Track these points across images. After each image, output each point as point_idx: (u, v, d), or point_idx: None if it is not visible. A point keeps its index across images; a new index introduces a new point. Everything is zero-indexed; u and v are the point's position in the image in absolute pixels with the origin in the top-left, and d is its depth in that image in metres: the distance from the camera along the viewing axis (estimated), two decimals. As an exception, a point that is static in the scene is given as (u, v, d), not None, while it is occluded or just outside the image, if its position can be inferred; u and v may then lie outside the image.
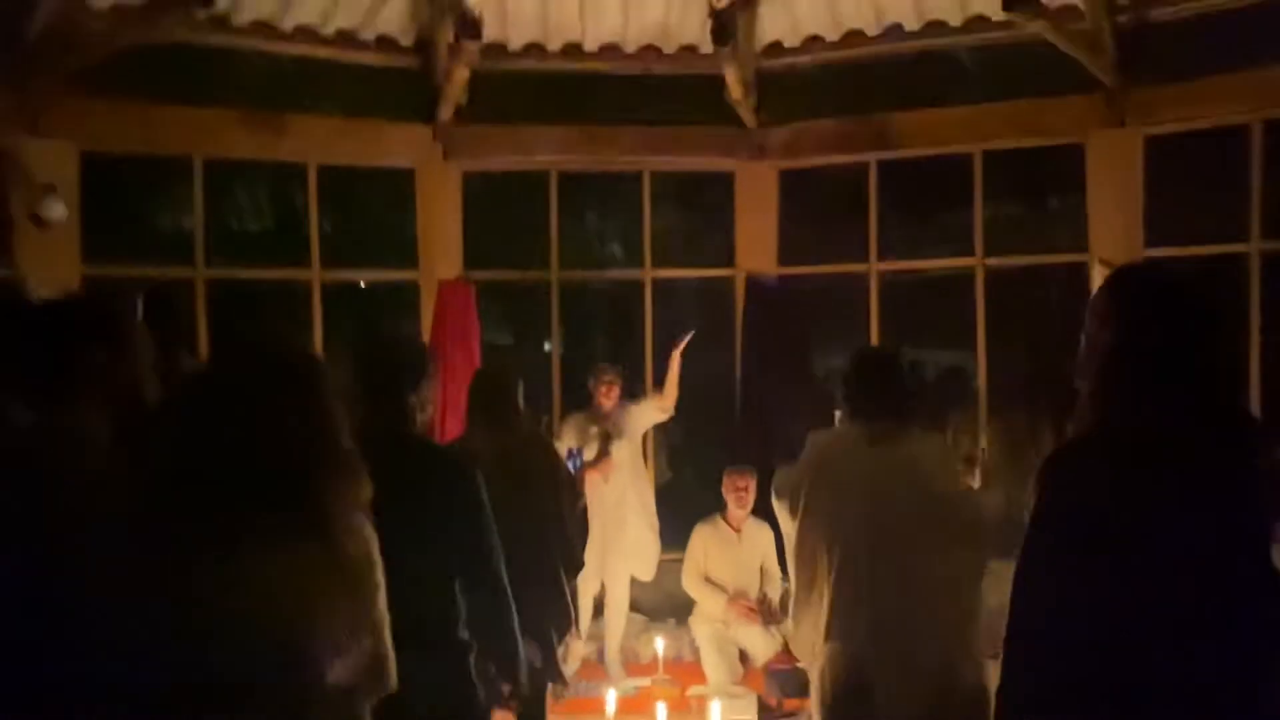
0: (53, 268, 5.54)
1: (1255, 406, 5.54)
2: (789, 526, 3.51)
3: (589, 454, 5.62)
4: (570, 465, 5.02)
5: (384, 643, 2.03)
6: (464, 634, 2.69)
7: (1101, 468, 1.77)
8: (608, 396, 5.82)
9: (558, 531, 4.05)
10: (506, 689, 2.85)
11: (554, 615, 3.90)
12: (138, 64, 5.69)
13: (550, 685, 3.96)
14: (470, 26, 5.47)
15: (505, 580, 2.76)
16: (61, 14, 5.34)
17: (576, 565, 4.25)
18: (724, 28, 5.54)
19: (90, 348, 2.21)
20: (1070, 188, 6.23)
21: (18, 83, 5.42)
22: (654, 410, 6.02)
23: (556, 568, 3.98)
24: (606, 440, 5.71)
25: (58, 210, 5.58)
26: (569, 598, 4.04)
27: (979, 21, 6.07)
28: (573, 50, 6.59)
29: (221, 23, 5.67)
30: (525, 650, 2.90)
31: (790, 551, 3.48)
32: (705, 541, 5.87)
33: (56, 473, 2.05)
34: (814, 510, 3.33)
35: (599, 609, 5.90)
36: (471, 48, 5.59)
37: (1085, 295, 5.91)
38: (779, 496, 3.57)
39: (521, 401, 4.15)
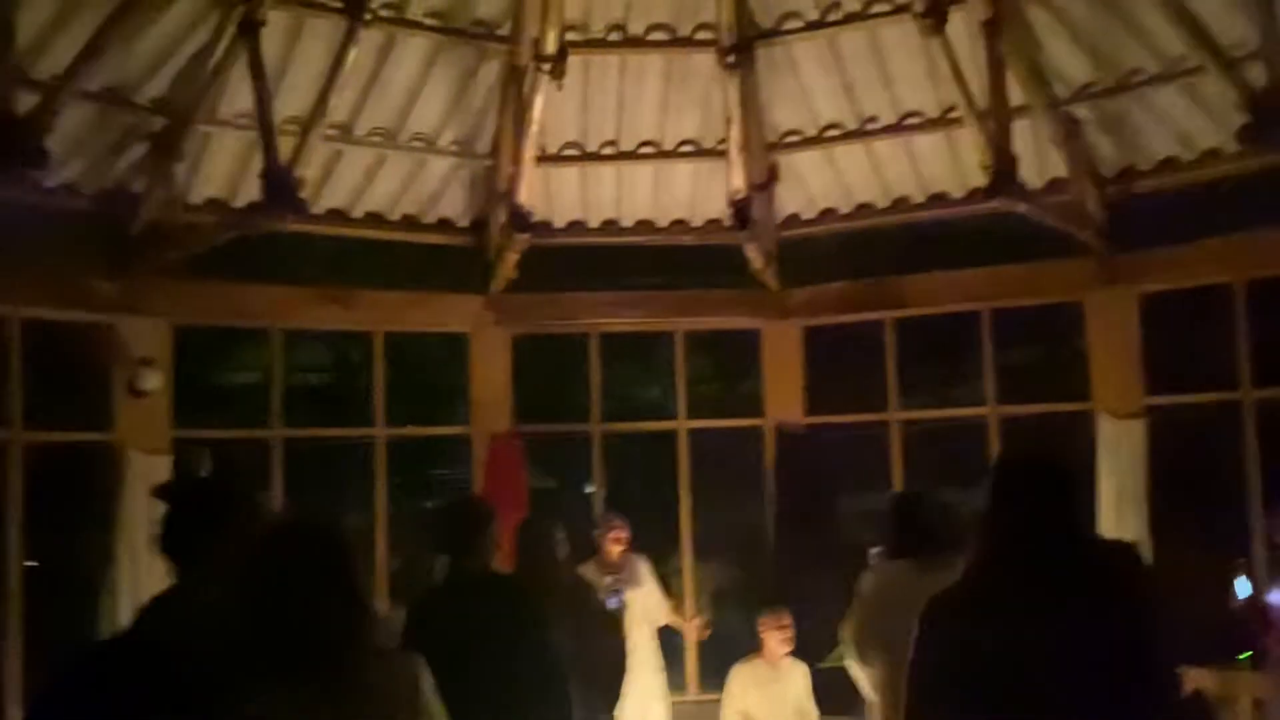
0: (147, 432, 6.17)
1: (1259, 545, 5.86)
2: (862, 669, 3.83)
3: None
4: (614, 600, 5.37)
5: None
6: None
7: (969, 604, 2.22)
8: (616, 543, 6.12)
9: (600, 668, 4.46)
10: None
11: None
12: (223, 248, 6.39)
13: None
14: (521, 220, 6.17)
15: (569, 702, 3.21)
16: (162, 211, 6.09)
17: (614, 699, 4.60)
18: (742, 215, 6.20)
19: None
20: (1073, 341, 6.71)
21: (120, 270, 6.14)
22: (664, 606, 6.34)
23: (596, 704, 4.38)
24: (618, 592, 5.97)
25: (153, 381, 6.19)
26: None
27: (977, 194, 6.67)
28: (610, 226, 7.29)
29: (300, 211, 6.34)
30: None
31: (879, 685, 3.79)
32: (743, 681, 6.18)
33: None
34: (891, 645, 3.53)
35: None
36: (522, 238, 6.29)
37: (1091, 441, 6.35)
38: (850, 643, 3.89)
39: (564, 549, 4.59)
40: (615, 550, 6.12)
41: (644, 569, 6.27)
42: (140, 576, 5.95)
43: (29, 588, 5.84)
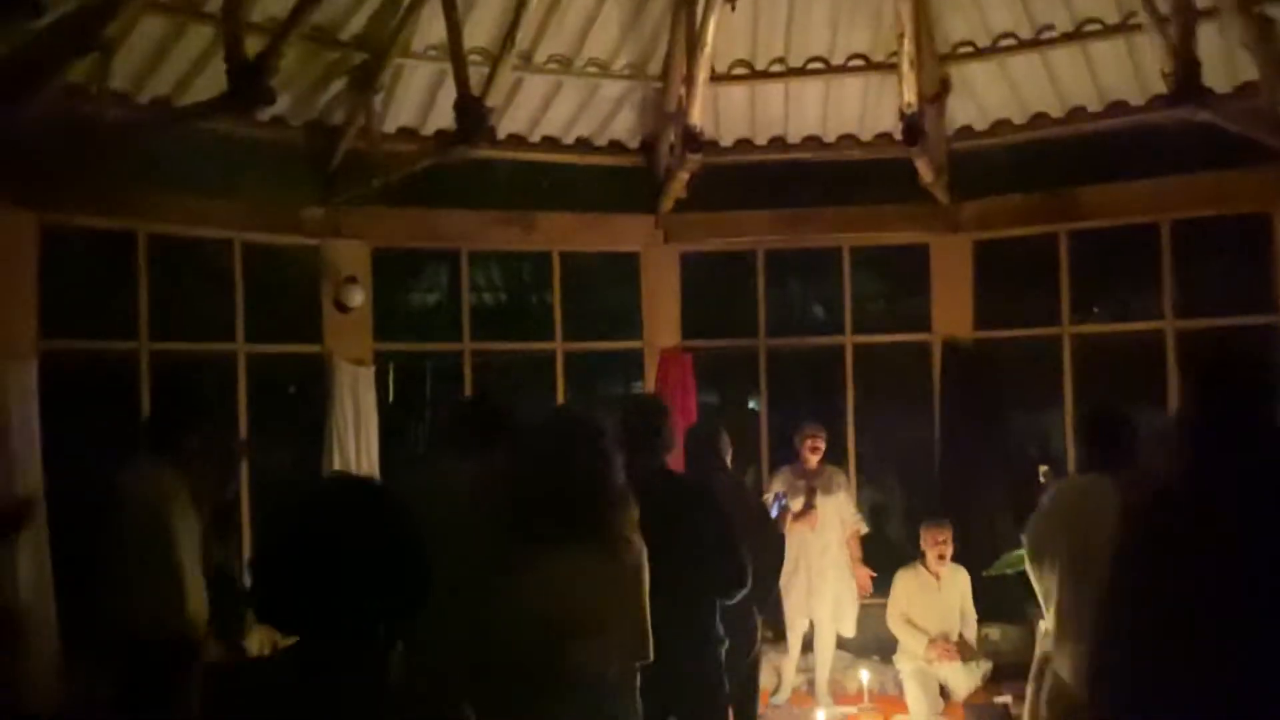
0: (351, 344, 6.77)
1: None
2: (1038, 581, 3.94)
3: (795, 506, 6.26)
4: (775, 508, 5.70)
5: (645, 624, 2.86)
6: (719, 629, 3.49)
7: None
8: (813, 452, 6.46)
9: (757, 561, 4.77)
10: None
11: (742, 633, 4.57)
12: (415, 175, 6.84)
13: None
14: (693, 140, 6.37)
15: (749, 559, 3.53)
16: (360, 141, 6.57)
17: (763, 595, 4.89)
18: (913, 130, 6.20)
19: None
20: (1258, 254, 6.47)
21: (326, 197, 6.69)
22: (850, 508, 6.62)
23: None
24: (812, 494, 6.34)
25: (357, 297, 6.77)
26: (755, 620, 4.71)
27: (1159, 101, 6.45)
28: (777, 143, 7.41)
29: (490, 139, 6.69)
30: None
31: (1050, 596, 3.79)
32: (907, 586, 6.40)
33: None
34: (1071, 558, 3.64)
35: (808, 645, 6.52)
36: (694, 158, 6.50)
37: (1272, 354, 6.16)
38: (1029, 552, 3.94)
39: (728, 455, 4.92)
40: (812, 458, 6.42)
41: (839, 478, 6.57)
42: (349, 470, 6.61)
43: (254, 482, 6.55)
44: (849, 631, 6.52)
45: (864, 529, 6.74)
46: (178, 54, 5.73)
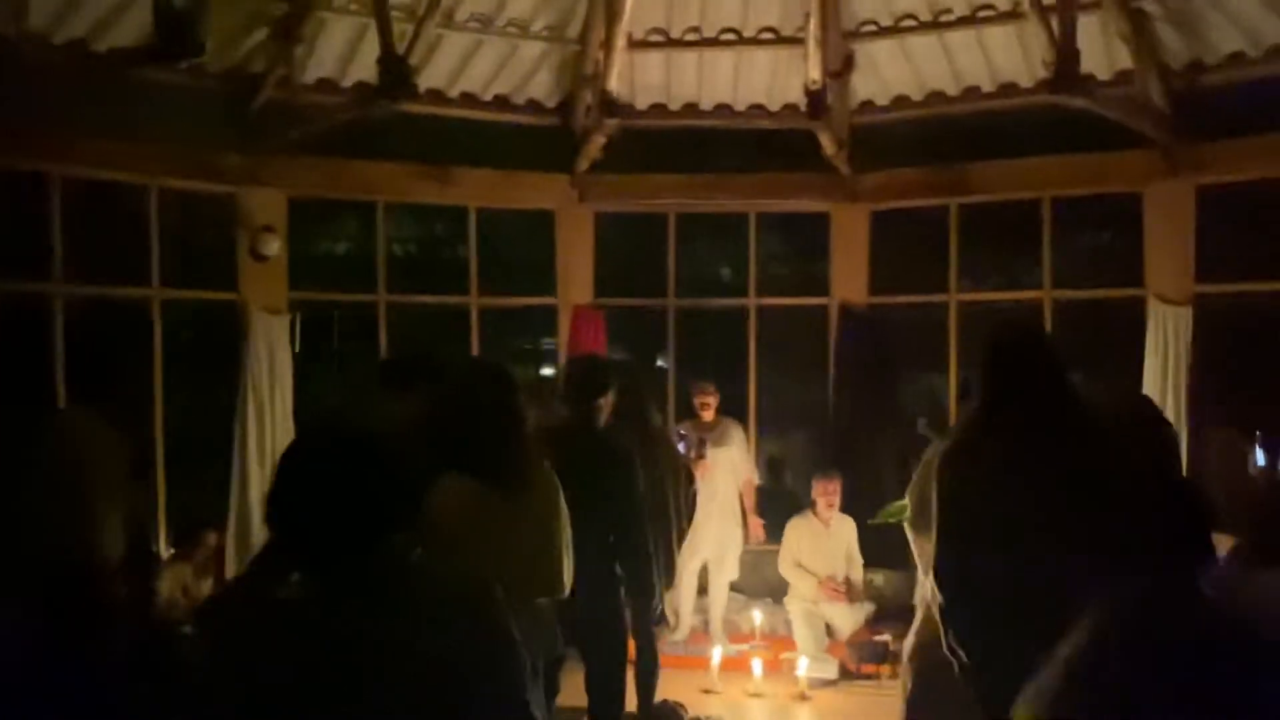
0: (267, 293, 6.86)
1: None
2: (915, 540, 4.31)
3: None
4: (682, 445, 6.05)
5: (559, 561, 3.15)
6: (619, 570, 3.81)
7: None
8: (704, 408, 6.81)
9: (673, 509, 5.15)
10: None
11: (664, 570, 4.97)
12: (334, 126, 6.91)
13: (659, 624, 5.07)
14: (609, 106, 6.60)
15: (649, 537, 3.87)
16: (280, 90, 6.63)
17: (682, 536, 5.30)
18: (816, 104, 6.54)
19: None
20: (1129, 230, 7.00)
21: (244, 145, 6.73)
22: (745, 459, 7.02)
23: (671, 535, 5.08)
24: (702, 445, 6.67)
25: (273, 246, 6.85)
26: (673, 559, 5.11)
27: (1045, 85, 6.89)
28: (690, 109, 7.68)
29: (412, 96, 6.78)
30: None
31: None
32: (798, 533, 6.86)
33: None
34: None
35: (703, 587, 6.92)
36: (610, 123, 6.73)
37: (1143, 326, 6.72)
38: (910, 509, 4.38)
39: (656, 420, 5.28)
40: (705, 413, 6.77)
41: (734, 431, 6.93)
42: (264, 421, 6.74)
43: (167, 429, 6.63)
44: (731, 574, 6.91)
45: (756, 479, 7.14)
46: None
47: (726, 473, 6.82)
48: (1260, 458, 5.78)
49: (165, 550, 6.35)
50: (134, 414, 6.45)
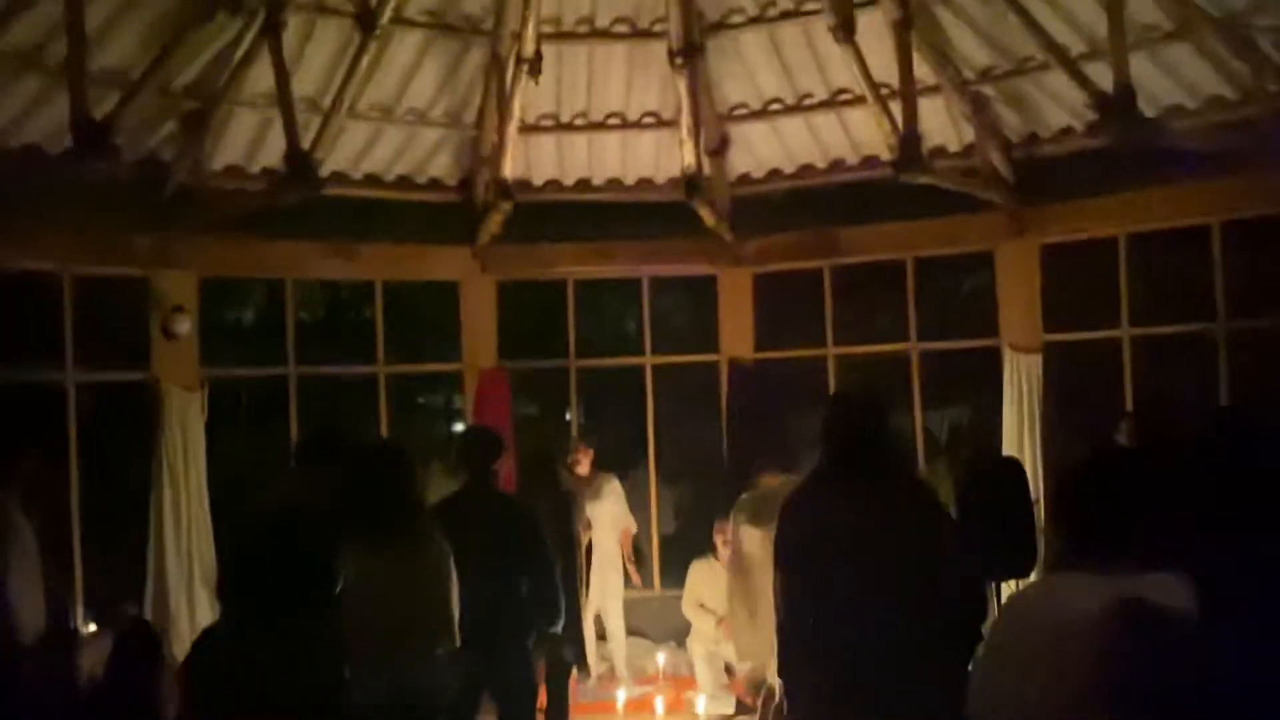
0: (180, 371, 7.13)
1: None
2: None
3: None
4: None
5: (448, 612, 3.57)
6: (528, 617, 4.25)
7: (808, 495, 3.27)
8: (580, 465, 7.25)
9: (579, 560, 5.61)
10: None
11: (576, 619, 5.40)
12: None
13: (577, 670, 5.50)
14: (504, 189, 7.11)
15: (559, 585, 4.31)
16: (189, 177, 6.97)
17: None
18: (692, 185, 7.18)
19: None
20: (983, 286, 7.73)
21: (155, 229, 7.02)
22: (622, 509, 7.44)
23: (577, 592, 5.51)
24: (581, 498, 7.07)
25: (185, 325, 7.11)
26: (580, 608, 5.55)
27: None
28: (583, 184, 8.24)
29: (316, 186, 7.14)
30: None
31: None
32: (700, 575, 7.30)
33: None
34: None
35: (601, 634, 7.32)
36: (506, 205, 7.25)
37: (999, 371, 7.41)
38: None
39: (564, 481, 5.73)
40: (579, 469, 7.22)
41: (610, 485, 7.37)
42: (179, 495, 6.98)
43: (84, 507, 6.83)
44: (618, 619, 7.33)
45: (634, 528, 7.61)
46: (14, 95, 6.01)
47: (607, 525, 7.24)
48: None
49: (84, 626, 6.53)
50: (49, 493, 6.64)
